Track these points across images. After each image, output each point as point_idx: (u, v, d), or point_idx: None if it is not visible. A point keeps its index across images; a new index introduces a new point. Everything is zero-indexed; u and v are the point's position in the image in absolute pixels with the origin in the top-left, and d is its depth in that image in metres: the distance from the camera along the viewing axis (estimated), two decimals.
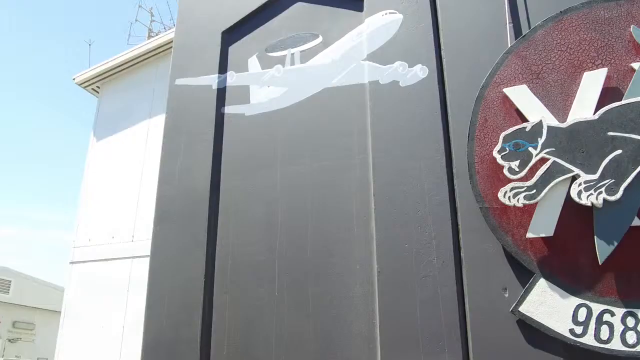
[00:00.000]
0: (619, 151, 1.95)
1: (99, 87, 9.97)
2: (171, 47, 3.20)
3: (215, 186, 2.71)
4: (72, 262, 8.78)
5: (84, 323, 8.32)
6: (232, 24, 3.01)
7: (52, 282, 17.25)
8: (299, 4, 2.90)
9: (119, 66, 9.62)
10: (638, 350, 1.83)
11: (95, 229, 8.80)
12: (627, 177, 1.91)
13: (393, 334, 2.12)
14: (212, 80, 2.91)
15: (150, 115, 9.04)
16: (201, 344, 2.43)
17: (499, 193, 2.05)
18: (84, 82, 9.89)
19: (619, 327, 1.88)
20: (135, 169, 8.68)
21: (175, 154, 2.84)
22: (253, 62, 2.88)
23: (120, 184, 8.82)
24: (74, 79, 9.80)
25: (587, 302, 1.93)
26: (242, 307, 2.45)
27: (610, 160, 1.95)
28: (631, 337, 1.85)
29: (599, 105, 2.04)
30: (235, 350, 2.39)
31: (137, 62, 9.62)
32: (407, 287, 2.16)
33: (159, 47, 9.33)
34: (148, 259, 2.76)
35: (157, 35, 12.35)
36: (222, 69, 2.94)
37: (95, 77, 9.77)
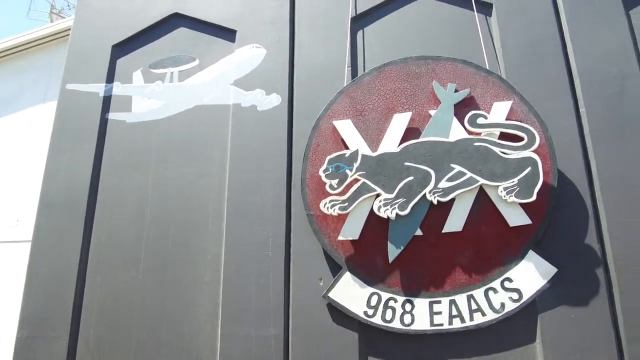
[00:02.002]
0: (411, 177, 2.48)
1: None
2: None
3: (95, 183, 3.04)
4: None
5: None
6: (121, 40, 3.36)
7: None
8: (181, 29, 3.31)
9: (14, 47, 9.40)
10: (411, 328, 2.39)
11: None
12: (415, 198, 2.45)
13: (232, 311, 2.59)
14: (99, 88, 3.24)
15: (45, 100, 8.97)
16: (72, 318, 2.77)
17: (321, 204, 2.52)
18: None
19: (399, 311, 2.42)
20: (25, 154, 8.57)
21: (61, 151, 3.14)
22: (137, 76, 3.24)
23: (8, 168, 8.67)
24: None
25: (378, 291, 2.46)
26: (111, 287, 2.82)
27: (404, 184, 2.48)
28: (407, 318, 2.42)
29: (402, 141, 2.57)
30: (102, 324, 2.76)
31: (35, 45, 9.46)
32: (246, 274, 2.63)
33: (58, 32, 9.25)
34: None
35: (59, 11, 12.10)
36: (110, 79, 3.27)
37: None
